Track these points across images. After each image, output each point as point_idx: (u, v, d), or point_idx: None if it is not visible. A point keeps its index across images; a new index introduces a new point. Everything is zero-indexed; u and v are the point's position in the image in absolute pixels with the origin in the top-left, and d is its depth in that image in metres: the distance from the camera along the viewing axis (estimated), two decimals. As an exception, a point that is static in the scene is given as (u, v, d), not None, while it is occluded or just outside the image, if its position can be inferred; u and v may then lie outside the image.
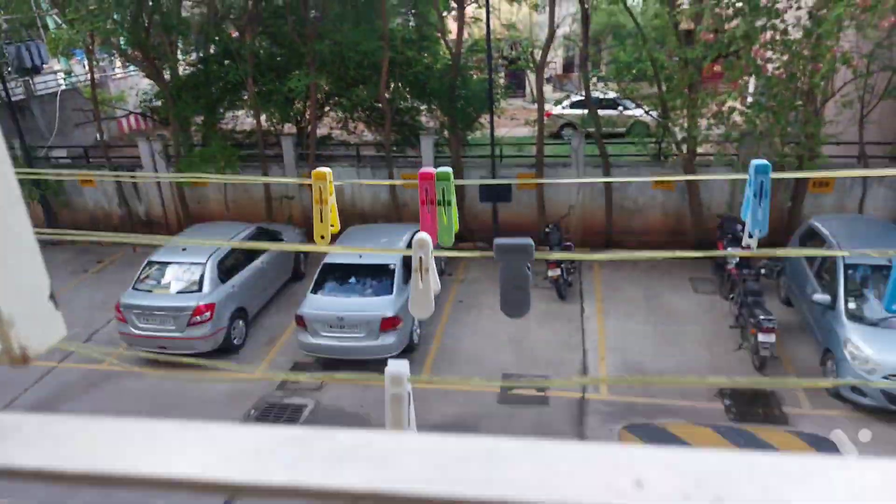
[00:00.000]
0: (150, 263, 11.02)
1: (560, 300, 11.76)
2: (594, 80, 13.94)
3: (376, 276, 10.42)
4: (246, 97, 14.75)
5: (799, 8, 9.99)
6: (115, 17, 12.38)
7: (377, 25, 13.17)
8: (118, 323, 10.53)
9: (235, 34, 15.40)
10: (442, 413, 8.64)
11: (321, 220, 4.85)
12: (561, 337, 10.72)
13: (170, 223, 15.49)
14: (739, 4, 10.23)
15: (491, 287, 12.55)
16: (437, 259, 12.41)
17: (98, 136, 16.11)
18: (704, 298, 11.48)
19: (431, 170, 5.11)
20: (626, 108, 16.68)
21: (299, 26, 13.48)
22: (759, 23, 9.93)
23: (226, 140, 14.79)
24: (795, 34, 10.20)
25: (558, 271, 11.58)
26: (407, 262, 10.79)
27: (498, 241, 4.83)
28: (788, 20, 10.20)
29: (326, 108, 16.51)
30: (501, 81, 17.21)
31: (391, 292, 10.07)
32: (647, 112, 14.17)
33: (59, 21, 15.96)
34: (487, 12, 12.48)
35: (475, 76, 15.36)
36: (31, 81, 21.39)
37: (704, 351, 10.05)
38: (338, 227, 4.91)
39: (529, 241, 4.85)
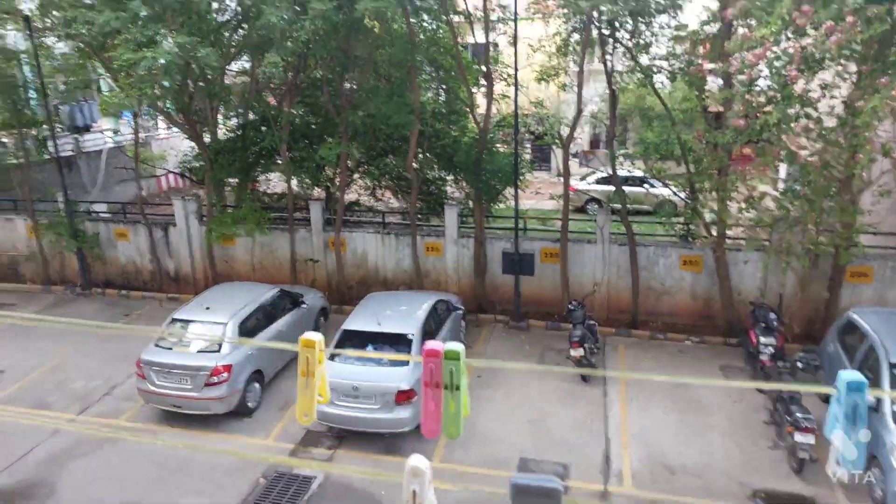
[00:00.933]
0: (174, 321, 11.13)
1: (582, 382, 11.44)
2: (620, 157, 14.07)
3: (394, 346, 10.33)
4: (279, 162, 15.22)
5: (833, 97, 10.01)
6: (164, 83, 13.03)
7: (409, 99, 13.62)
8: (137, 379, 10.55)
9: (274, 102, 16.10)
10: (456, 499, 8.28)
11: (306, 395, 4.09)
12: (582, 421, 10.34)
13: (197, 280, 15.74)
14: (772, 92, 10.30)
15: (513, 361, 12.32)
16: (457, 327, 12.37)
17: (138, 192, 16.69)
18: (736, 390, 11.03)
19: (439, 346, 4.15)
20: (653, 187, 16.70)
21: (334, 98, 14.02)
22: (791, 111, 9.95)
23: (257, 202, 15.19)
24: (829, 122, 10.18)
25: (581, 351, 11.31)
26: (426, 332, 10.72)
27: (517, 481, 3.96)
28: (822, 108, 10.21)
29: (356, 176, 16.92)
30: (527, 156, 17.50)
31: (407, 363, 9.94)
32: (674, 192, 14.16)
33: (112, 84, 16.91)
34: (516, 90, 12.87)
35: (501, 150, 15.67)
36: (80, 139, 22.52)
37: (735, 447, 9.54)
38: (327, 398, 4.09)
39: (557, 484, 4.06)
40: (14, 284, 16.73)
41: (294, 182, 15.55)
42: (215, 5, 13.25)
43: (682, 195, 13.67)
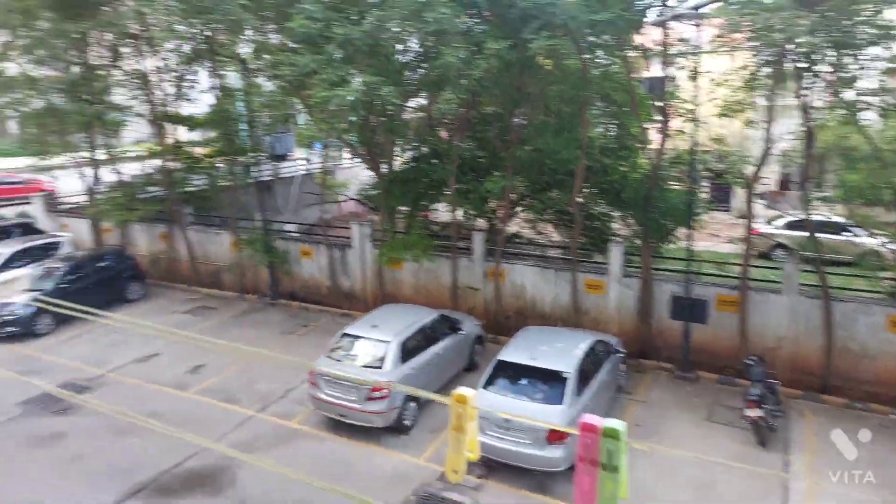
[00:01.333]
0: (344, 335, 12.00)
1: (759, 446, 10.31)
2: (816, 201, 12.66)
3: (548, 382, 10.14)
4: (447, 193, 15.89)
5: None
6: (351, 118, 14.31)
7: (577, 134, 13.54)
8: (309, 386, 11.50)
9: (446, 136, 16.92)
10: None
11: (458, 451, 4.05)
12: (755, 491, 9.29)
13: (367, 299, 16.88)
14: None
15: (677, 413, 11.51)
16: (616, 371, 11.81)
17: (322, 215, 18.42)
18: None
19: (598, 421, 3.90)
20: (854, 235, 14.76)
21: (503, 132, 14.37)
22: None
23: (425, 230, 15.96)
24: None
25: (759, 412, 10.20)
26: (583, 372, 10.42)
27: None
28: None
29: (518, 208, 17.10)
30: (704, 194, 16.43)
31: (561, 402, 9.71)
32: (883, 244, 12.37)
33: (307, 119, 18.94)
34: (694, 125, 12.20)
35: (675, 187, 14.89)
36: (277, 166, 25.48)
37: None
38: (476, 455, 4.01)
39: None
40: (217, 290, 19.20)
41: (459, 212, 16.12)
42: (399, 47, 14.34)
43: (893, 246, 11.92)
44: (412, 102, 16.74)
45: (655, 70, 13.30)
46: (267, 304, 18.02)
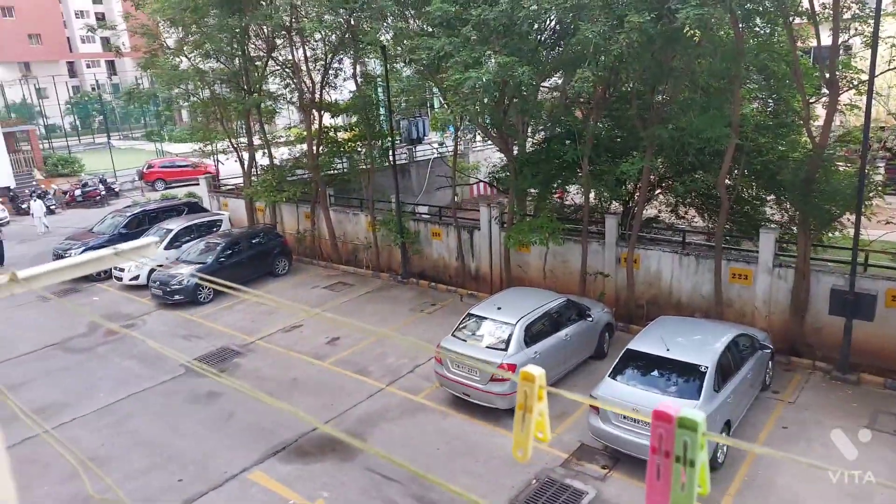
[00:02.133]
0: (470, 315, 12.14)
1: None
2: None
3: (683, 375, 9.55)
4: (580, 174, 15.41)
5: None
6: (485, 100, 14.29)
7: (727, 111, 12.45)
8: (435, 363, 11.81)
9: (581, 115, 16.36)
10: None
11: (522, 431, 3.65)
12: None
13: (493, 281, 16.95)
14: None
15: (831, 417, 10.37)
16: (761, 368, 10.82)
17: (453, 197, 18.72)
18: None
19: (672, 410, 3.74)
20: None
21: (643, 111, 13.58)
22: None
23: (554, 213, 15.63)
24: None
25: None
26: (723, 367, 9.68)
27: None
28: None
29: (657, 191, 16.17)
30: (878, 176, 14.44)
31: (697, 397, 9.10)
32: None
33: (442, 102, 19.27)
34: (869, 99, 10.68)
35: (843, 168, 13.21)
36: (413, 149, 26.25)
37: None
38: (547, 438, 3.74)
39: None
40: (354, 268, 20.29)
41: (592, 195, 15.58)
42: (535, 25, 14.03)
43: None
44: (547, 82, 16.39)
45: (825, 38, 11.80)
46: (399, 283, 18.74)
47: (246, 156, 22.09)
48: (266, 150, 21.80)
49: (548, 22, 14.05)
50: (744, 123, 12.70)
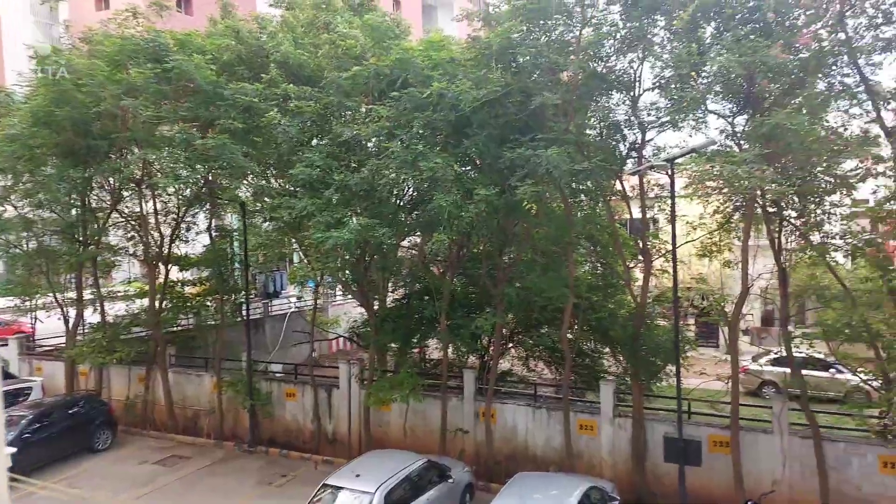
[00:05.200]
0: (325, 486, 11.36)
1: None
2: (798, 338, 12.86)
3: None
4: (439, 329, 15.90)
5: None
6: (346, 256, 14.59)
7: (564, 273, 13.97)
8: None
9: (438, 272, 17.28)
10: None
11: None
12: None
13: (352, 444, 16.18)
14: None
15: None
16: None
17: (311, 353, 18.14)
18: None
19: None
20: (839, 372, 14.84)
21: (492, 271, 14.78)
22: None
23: (414, 368, 15.75)
24: None
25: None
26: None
27: None
28: None
29: (509, 345, 17.10)
30: (690, 332, 16.66)
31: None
32: (866, 381, 12.45)
33: (302, 257, 19.32)
34: (675, 269, 12.61)
35: (662, 324, 15.11)
36: (269, 303, 25.57)
37: None
38: None
39: None
40: (192, 437, 18.16)
41: (450, 349, 16.04)
42: (395, 191, 15.08)
43: (876, 384, 11.97)
44: (406, 241, 17.29)
45: (636, 212, 14.05)
46: (245, 452, 17.12)
47: (73, 312, 19.88)
48: (98, 307, 19.78)
49: (406, 189, 15.18)
50: (578, 284, 14.24)
